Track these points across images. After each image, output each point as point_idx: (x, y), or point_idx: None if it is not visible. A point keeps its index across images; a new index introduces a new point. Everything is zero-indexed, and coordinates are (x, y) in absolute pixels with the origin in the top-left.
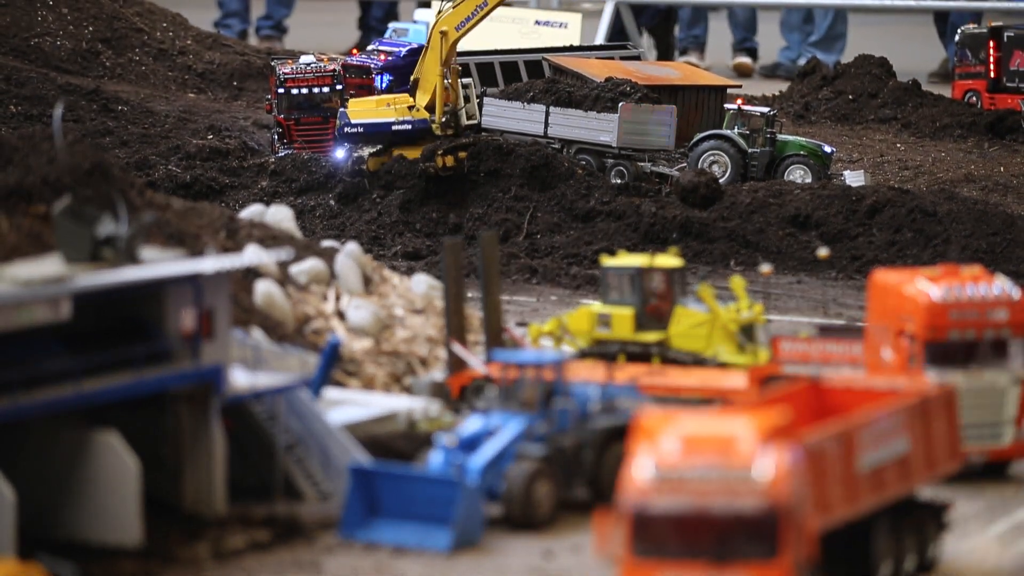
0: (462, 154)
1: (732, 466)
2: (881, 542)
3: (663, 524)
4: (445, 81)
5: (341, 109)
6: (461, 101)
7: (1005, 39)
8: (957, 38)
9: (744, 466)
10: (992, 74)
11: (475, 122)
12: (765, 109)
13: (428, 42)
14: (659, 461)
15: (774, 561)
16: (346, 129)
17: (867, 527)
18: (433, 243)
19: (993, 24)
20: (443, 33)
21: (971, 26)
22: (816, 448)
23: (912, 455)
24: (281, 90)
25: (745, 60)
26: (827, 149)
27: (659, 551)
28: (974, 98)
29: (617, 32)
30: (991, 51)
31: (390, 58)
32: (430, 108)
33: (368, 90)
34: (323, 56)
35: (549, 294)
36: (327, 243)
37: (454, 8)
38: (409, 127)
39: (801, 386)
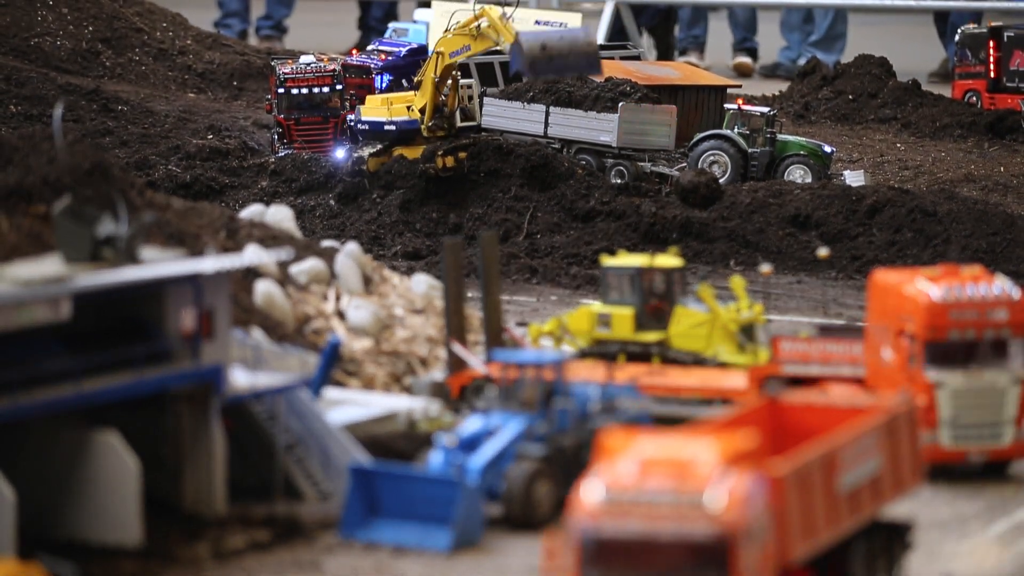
0: (462, 155)
1: (684, 491)
2: (858, 565)
3: (612, 548)
4: (443, 91)
5: (358, 106)
6: (456, 103)
7: (1005, 39)
8: (957, 38)
9: (696, 491)
10: (992, 74)
11: (475, 123)
12: (765, 109)
13: (432, 50)
14: (610, 483)
15: None
16: (357, 126)
17: (841, 551)
18: (433, 243)
19: (993, 24)
20: (439, 53)
21: (971, 26)
22: (803, 471)
23: (883, 474)
24: (281, 90)
25: (745, 60)
26: (827, 149)
27: (605, 573)
28: (974, 98)
29: (617, 32)
30: (991, 51)
31: (390, 58)
32: (423, 110)
33: (368, 90)
34: (323, 56)
35: (549, 294)
36: (327, 243)
37: (452, 34)
38: (394, 128)
39: (759, 405)
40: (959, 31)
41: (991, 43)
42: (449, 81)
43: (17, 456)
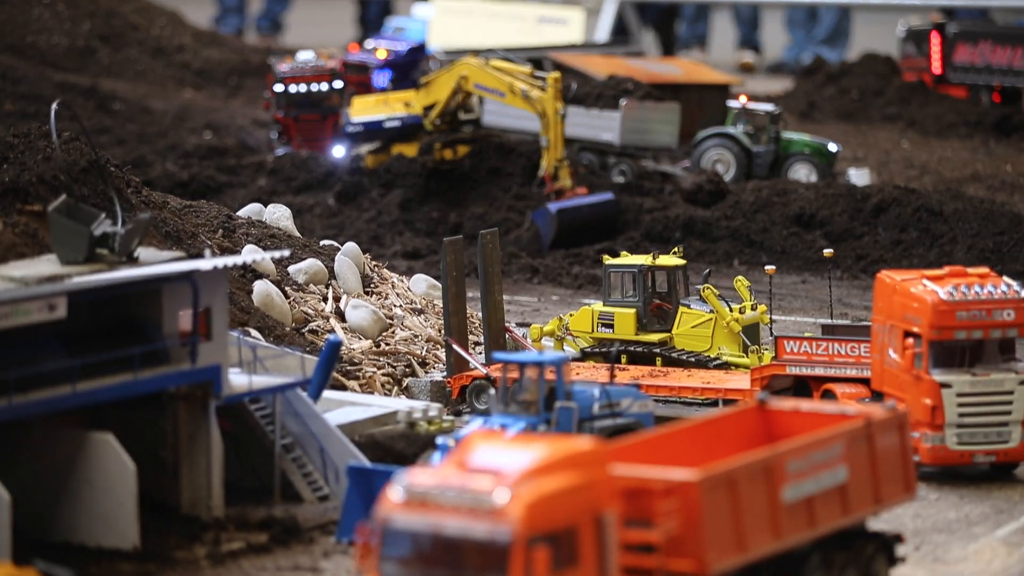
0: (461, 149)
1: (475, 490)
2: None
3: (404, 541)
4: (453, 101)
5: (345, 110)
6: (461, 102)
7: (949, 34)
8: (903, 33)
9: (486, 491)
10: (935, 69)
11: (475, 117)
12: (769, 107)
13: (453, 64)
14: (413, 479)
15: None
16: (348, 128)
17: (798, 563)
18: (433, 242)
19: (937, 19)
20: (464, 77)
21: (916, 21)
22: (726, 478)
23: (852, 484)
24: (279, 87)
25: (749, 57)
26: (832, 147)
27: (401, 568)
28: None
29: (620, 29)
30: (934, 45)
31: (390, 55)
32: (428, 108)
33: (367, 87)
34: (322, 53)
35: (551, 294)
36: (326, 242)
37: (490, 70)
38: (399, 123)
39: (746, 408)
40: (905, 26)
41: (935, 37)
42: (459, 96)
43: (14, 457)
